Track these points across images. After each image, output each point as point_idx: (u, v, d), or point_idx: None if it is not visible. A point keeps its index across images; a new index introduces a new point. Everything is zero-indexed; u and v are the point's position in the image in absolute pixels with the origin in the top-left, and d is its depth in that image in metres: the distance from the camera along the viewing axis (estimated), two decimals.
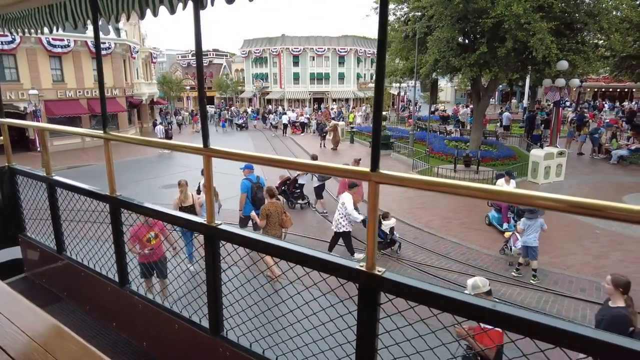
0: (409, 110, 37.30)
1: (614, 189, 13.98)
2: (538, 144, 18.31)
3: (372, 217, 1.36)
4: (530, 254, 8.11)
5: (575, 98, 32.96)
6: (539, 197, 1.11)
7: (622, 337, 1.01)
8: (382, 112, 1.29)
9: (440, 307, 1.29)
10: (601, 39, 17.15)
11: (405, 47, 19.19)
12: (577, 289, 7.84)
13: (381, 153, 6.02)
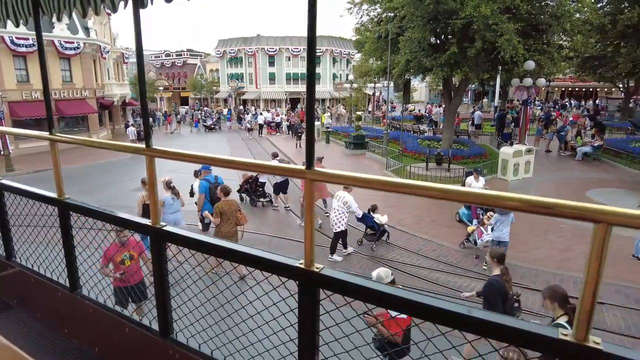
0: (380, 110, 37.80)
1: (579, 184, 14.49)
2: (508, 142, 18.78)
3: (308, 214, 1.37)
4: (502, 247, 8.33)
5: (544, 97, 33.99)
6: (483, 195, 1.16)
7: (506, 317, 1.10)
8: (314, 111, 1.30)
9: (375, 301, 1.31)
10: (565, 40, 17.78)
11: (379, 48, 19.39)
12: (543, 282, 8.09)
13: (356, 153, 6.12)
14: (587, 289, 1.03)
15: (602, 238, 0.98)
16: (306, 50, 1.27)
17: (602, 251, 0.99)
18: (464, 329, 1.16)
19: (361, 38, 21.06)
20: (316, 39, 1.25)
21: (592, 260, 1.00)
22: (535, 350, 1.09)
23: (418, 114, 32.74)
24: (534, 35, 15.70)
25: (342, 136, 25.19)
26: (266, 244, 9.98)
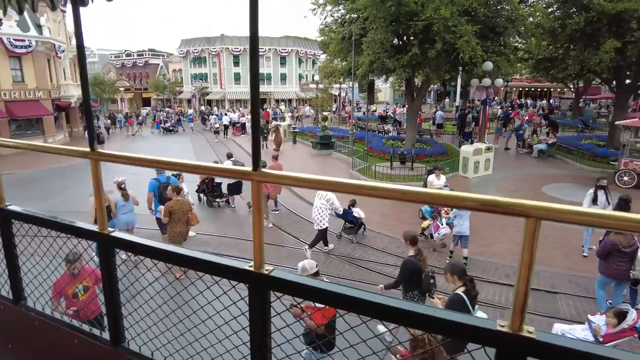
0: (344, 110, 38.16)
1: (535, 180, 15.15)
2: (469, 140, 19.39)
3: (256, 216, 1.36)
4: (463, 242, 8.65)
5: (503, 97, 35.31)
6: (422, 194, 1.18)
7: (447, 312, 1.14)
8: (259, 111, 1.30)
9: (323, 301, 1.32)
10: (520, 42, 18.55)
11: (343, 49, 19.54)
12: (502, 275, 8.41)
13: (323, 153, 6.12)
14: (521, 281, 1.07)
15: (532, 232, 1.02)
16: (248, 49, 1.26)
17: (533, 244, 1.03)
18: (409, 325, 1.18)
19: (326, 39, 21.17)
20: (258, 38, 1.24)
21: (524, 253, 1.04)
22: (474, 343, 1.12)
23: (382, 114, 33.23)
24: (492, 37, 16.28)
25: (309, 136, 25.24)
26: (225, 245, 9.86)
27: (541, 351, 1.04)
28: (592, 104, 38.45)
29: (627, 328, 5.02)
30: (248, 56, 1.27)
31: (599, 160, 17.06)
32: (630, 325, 5.02)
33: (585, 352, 0.98)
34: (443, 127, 27.18)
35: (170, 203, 7.75)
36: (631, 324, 5.04)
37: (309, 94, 50.67)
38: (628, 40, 16.02)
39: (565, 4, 18.24)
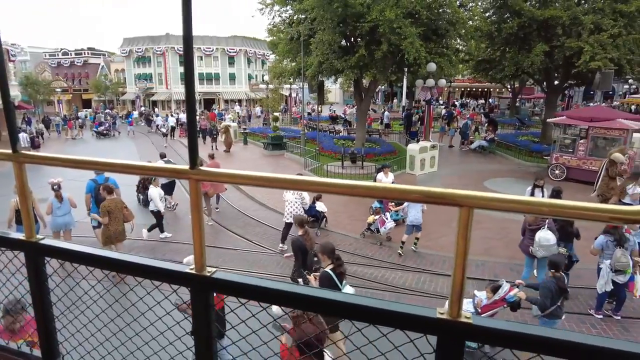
0: (290, 111, 38.29)
1: (477, 175, 15.95)
2: (415, 139, 20.05)
3: (195, 216, 1.32)
4: (417, 229, 9.27)
5: (446, 97, 36.86)
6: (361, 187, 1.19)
7: (390, 303, 1.14)
8: (195, 110, 1.25)
9: (268, 300, 1.30)
10: (461, 44, 19.46)
11: (292, 49, 19.51)
12: (449, 267, 8.76)
13: (275, 153, 6.07)
14: (457, 268, 1.11)
15: (465, 220, 1.06)
16: (183, 50, 1.21)
17: (467, 232, 1.07)
18: (350, 317, 1.19)
19: (275, 39, 21.05)
20: (192, 39, 1.20)
21: (459, 241, 1.08)
22: (417, 331, 1.15)
23: (332, 114, 33.59)
24: (435, 39, 16.93)
25: (260, 137, 25.00)
26: (175, 252, 9.55)
27: (477, 335, 1.09)
28: (527, 103, 41.16)
29: (498, 299, 5.62)
30: (183, 57, 1.22)
31: (534, 155, 18.29)
32: (501, 296, 5.61)
33: (514, 331, 1.04)
34: (391, 126, 27.93)
35: (105, 203, 7.84)
36: (502, 295, 5.62)
37: (259, 94, 50.23)
38: (555, 44, 17.29)
39: (500, 9, 19.39)
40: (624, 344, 0.97)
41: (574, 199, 6.79)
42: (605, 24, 16.06)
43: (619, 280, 6.46)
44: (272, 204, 12.80)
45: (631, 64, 17.09)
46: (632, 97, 33.15)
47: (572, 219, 4.45)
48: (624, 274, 6.43)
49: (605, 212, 0.98)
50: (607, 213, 1.00)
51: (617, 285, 6.51)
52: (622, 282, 6.49)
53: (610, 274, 6.44)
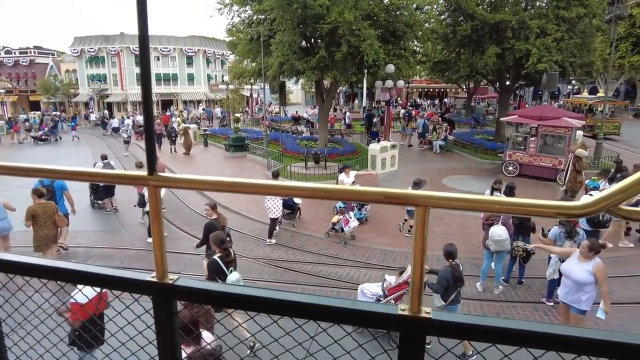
0: (249, 113, 38.05)
1: (436, 173, 16.44)
2: (376, 139, 20.40)
3: (156, 224, 1.29)
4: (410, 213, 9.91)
5: (405, 97, 37.71)
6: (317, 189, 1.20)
7: (356, 302, 1.17)
8: (152, 112, 1.23)
9: (232, 305, 1.30)
10: (418, 46, 19.99)
11: (252, 49, 19.34)
12: (406, 262, 9.00)
13: (237, 155, 6.02)
14: (416, 265, 1.14)
15: (422, 219, 1.10)
16: (139, 50, 1.18)
17: (424, 230, 1.11)
18: (319, 319, 1.21)
19: (234, 39, 20.78)
20: (148, 39, 1.18)
21: (417, 239, 1.11)
22: (380, 328, 1.18)
23: (295, 114, 33.57)
24: (392, 41, 17.32)
25: (222, 139, 24.60)
26: (133, 259, 9.24)
27: (437, 329, 1.13)
28: (482, 103, 42.81)
29: (402, 282, 6.12)
30: (140, 58, 1.18)
31: (489, 153, 19.09)
32: (404, 279, 6.11)
33: (471, 324, 1.09)
34: (352, 127, 28.27)
35: (32, 206, 7.68)
36: (405, 277, 6.12)
37: (219, 95, 49.39)
38: (506, 47, 18.14)
39: (455, 13, 20.09)
40: (566, 329, 1.05)
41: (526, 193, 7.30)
42: (549, 29, 17.03)
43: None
44: (236, 207, 12.64)
45: (573, 66, 18.21)
46: (575, 97, 35.26)
47: (522, 216, 4.70)
48: None
49: (551, 208, 1.05)
50: (552, 209, 1.07)
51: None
52: None
53: (558, 263, 6.82)
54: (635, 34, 30.89)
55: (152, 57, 47.60)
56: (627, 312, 6.95)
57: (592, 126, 24.78)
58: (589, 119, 25.57)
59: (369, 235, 10.46)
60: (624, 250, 9.49)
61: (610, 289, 7.66)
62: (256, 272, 8.62)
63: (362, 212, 11.10)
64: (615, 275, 8.27)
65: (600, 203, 0.96)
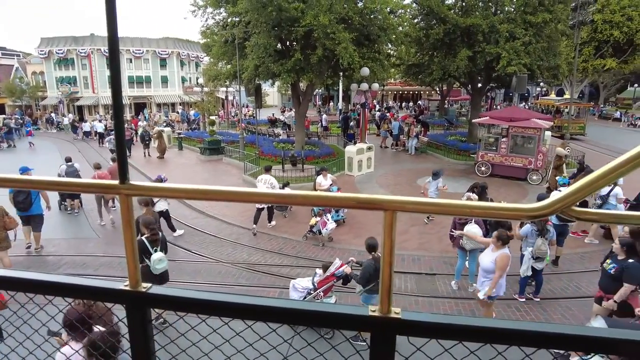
0: (223, 116, 37.80)
1: (411, 174, 16.71)
2: (352, 141, 20.56)
3: (127, 232, 1.29)
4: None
5: (380, 100, 38.13)
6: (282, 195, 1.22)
7: (326, 305, 1.22)
8: (123, 118, 1.23)
9: (208, 312, 1.31)
10: (392, 49, 20.28)
11: (227, 52, 19.20)
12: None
13: (213, 158, 6.00)
14: (385, 267, 1.19)
15: (390, 222, 1.15)
16: (108, 52, 1.18)
17: (392, 233, 1.16)
18: (292, 322, 1.24)
19: (208, 41, 20.57)
20: (118, 40, 1.17)
21: (385, 241, 1.16)
22: (351, 329, 1.21)
23: (271, 117, 33.46)
24: (367, 44, 17.50)
25: (197, 142, 24.28)
26: (106, 266, 9.02)
27: (407, 329, 1.18)
28: (455, 105, 43.74)
29: (329, 275, 6.47)
30: (109, 61, 1.18)
31: (462, 154, 19.53)
32: (332, 272, 6.46)
33: (440, 322, 1.14)
34: (329, 129, 28.41)
35: None
36: (333, 270, 6.46)
37: (193, 97, 48.70)
38: (477, 50, 18.62)
39: (428, 16, 20.50)
40: (530, 324, 1.11)
41: (498, 193, 7.51)
42: (518, 33, 17.61)
43: (537, 266, 7.18)
44: (211, 211, 12.51)
45: (541, 69, 18.88)
46: (543, 99, 36.49)
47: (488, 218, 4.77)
48: (542, 261, 7.15)
49: (511, 211, 1.11)
50: (512, 211, 1.13)
51: (535, 271, 7.24)
52: (540, 268, 7.21)
53: (530, 260, 7.11)
54: (597, 38, 32.27)
55: (124, 59, 46.80)
56: (590, 306, 7.24)
57: (560, 127, 25.71)
58: (557, 120, 26.52)
59: (346, 237, 10.54)
60: (591, 246, 9.89)
61: (577, 283, 8.01)
62: (233, 276, 8.54)
63: (339, 213, 11.17)
64: (581, 271, 8.63)
65: (554, 205, 1.03)
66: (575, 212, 1.02)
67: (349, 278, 6.44)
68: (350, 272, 6.39)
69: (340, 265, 6.51)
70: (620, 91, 52.86)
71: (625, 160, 0.90)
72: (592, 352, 1.13)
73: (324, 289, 6.48)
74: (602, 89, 47.70)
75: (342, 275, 6.44)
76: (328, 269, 6.54)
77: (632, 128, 33.93)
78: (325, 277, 6.51)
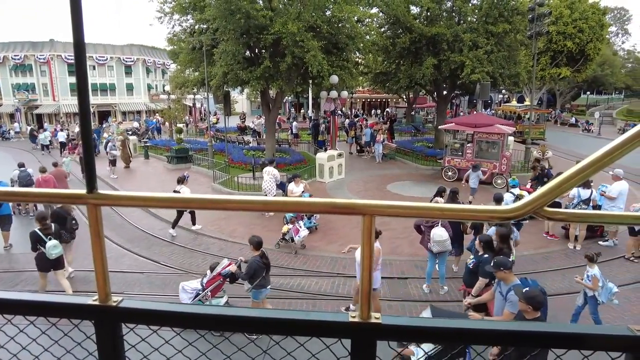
0: (192, 123, 37.28)
1: (381, 180, 16.93)
2: (323, 148, 20.64)
3: (96, 244, 1.23)
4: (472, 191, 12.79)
5: (349, 107, 38.54)
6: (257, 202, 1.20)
7: (280, 311, 1.17)
8: (90, 126, 1.18)
9: (182, 324, 1.27)
10: (360, 58, 20.59)
11: (194, 59, 18.90)
12: None
13: (181, 167, 5.86)
14: (364, 271, 1.18)
15: (368, 227, 1.14)
16: (74, 59, 1.13)
17: (370, 238, 1.16)
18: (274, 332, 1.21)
19: (175, 48, 20.21)
20: (85, 46, 1.13)
21: (364, 246, 1.16)
22: (331, 337, 1.20)
23: (241, 124, 33.16)
24: (336, 52, 17.68)
25: (163, 150, 23.71)
26: (80, 281, 8.62)
27: (387, 333, 1.18)
28: (422, 112, 44.79)
29: (216, 274, 6.66)
30: (75, 67, 1.13)
31: (429, 159, 19.97)
32: (218, 271, 6.66)
33: (418, 326, 1.15)
34: (299, 136, 28.43)
35: None
36: (219, 270, 6.67)
37: (160, 105, 47.62)
38: (442, 58, 19.18)
39: (394, 25, 20.96)
40: (504, 324, 1.13)
41: (465, 197, 7.68)
42: (480, 42, 18.29)
43: None
44: (181, 221, 12.21)
45: (502, 77, 19.67)
46: (505, 105, 37.95)
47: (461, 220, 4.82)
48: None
49: (485, 213, 1.14)
50: (486, 213, 1.15)
51: None
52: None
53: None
54: (553, 48, 34.08)
55: (87, 66, 45.06)
56: (556, 302, 7.53)
57: (521, 132, 26.78)
58: (519, 126, 27.62)
59: (319, 244, 10.53)
60: (552, 245, 10.31)
61: (541, 282, 8.29)
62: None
63: (311, 220, 11.15)
64: (545, 270, 8.97)
65: (527, 207, 1.06)
66: (547, 212, 1.06)
67: (235, 276, 6.66)
68: (236, 271, 6.63)
69: (227, 264, 6.72)
70: (575, 98, 55.79)
71: (588, 163, 0.98)
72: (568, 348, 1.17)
73: (211, 289, 6.64)
74: (558, 96, 50.18)
75: (228, 274, 6.63)
76: (215, 269, 6.69)
77: (586, 133, 35.77)
78: (212, 277, 6.67)
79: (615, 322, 6.61)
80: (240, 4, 14.30)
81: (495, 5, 18.52)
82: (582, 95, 56.00)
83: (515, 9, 18.87)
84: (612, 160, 0.98)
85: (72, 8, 1.09)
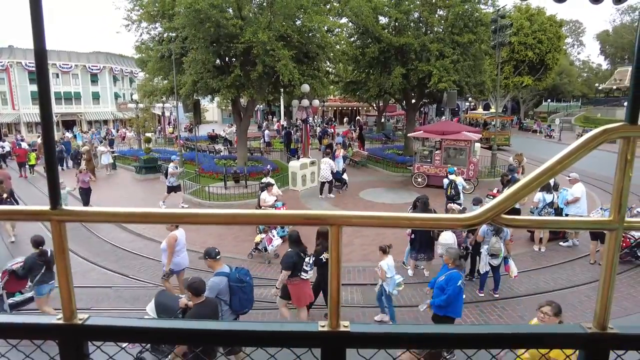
0: (160, 132, 36.65)
1: (353, 187, 17.02)
2: (295, 156, 20.65)
3: (61, 261, 1.20)
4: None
5: (321, 116, 38.78)
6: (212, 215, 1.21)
7: (251, 323, 1.20)
8: (53, 137, 1.16)
9: (152, 340, 1.25)
10: (331, 67, 20.81)
11: (163, 67, 18.61)
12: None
13: (149, 177, 5.74)
14: (333, 282, 1.20)
15: (336, 236, 1.17)
16: (35, 67, 1.11)
17: (338, 247, 1.18)
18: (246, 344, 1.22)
19: (143, 56, 19.81)
20: (46, 54, 1.11)
21: (332, 255, 1.18)
22: (302, 347, 1.21)
23: (211, 133, 32.75)
24: (306, 61, 17.79)
25: (132, 160, 23.10)
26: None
27: (355, 341, 1.20)
28: (392, 120, 45.52)
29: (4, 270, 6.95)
30: (36, 76, 1.11)
31: (400, 166, 20.32)
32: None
33: (386, 332, 1.18)
34: (271, 144, 28.36)
35: None
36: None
37: (127, 114, 46.46)
38: (410, 68, 19.64)
39: (363, 35, 21.32)
40: (470, 328, 1.18)
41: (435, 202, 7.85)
42: (447, 52, 18.86)
43: (494, 262, 7.80)
44: (148, 233, 11.92)
45: (469, 85, 20.31)
46: (471, 113, 39.13)
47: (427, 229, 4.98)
48: (497, 258, 7.75)
49: (448, 221, 1.19)
50: (449, 221, 1.20)
51: (492, 267, 7.86)
52: (496, 264, 7.83)
53: (487, 257, 7.73)
54: (515, 58, 35.59)
55: (50, 74, 43.52)
56: (524, 304, 7.79)
57: (488, 139, 27.64)
58: (485, 132, 28.52)
59: None
60: (519, 247, 10.66)
61: (509, 284, 8.55)
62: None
63: (285, 229, 11.08)
64: (533, 269, 9.29)
65: (486, 214, 1.12)
66: (505, 219, 1.12)
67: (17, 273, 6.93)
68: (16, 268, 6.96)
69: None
70: (537, 105, 58.17)
71: (542, 171, 1.05)
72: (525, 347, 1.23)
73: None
74: (521, 104, 52.20)
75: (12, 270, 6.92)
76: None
77: (548, 139, 37.31)
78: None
79: (577, 320, 6.88)
80: (210, 13, 14.22)
81: (460, 17, 19.15)
82: (544, 102, 58.45)
83: (479, 20, 19.57)
84: (564, 167, 1.05)
85: (33, 14, 1.08)
